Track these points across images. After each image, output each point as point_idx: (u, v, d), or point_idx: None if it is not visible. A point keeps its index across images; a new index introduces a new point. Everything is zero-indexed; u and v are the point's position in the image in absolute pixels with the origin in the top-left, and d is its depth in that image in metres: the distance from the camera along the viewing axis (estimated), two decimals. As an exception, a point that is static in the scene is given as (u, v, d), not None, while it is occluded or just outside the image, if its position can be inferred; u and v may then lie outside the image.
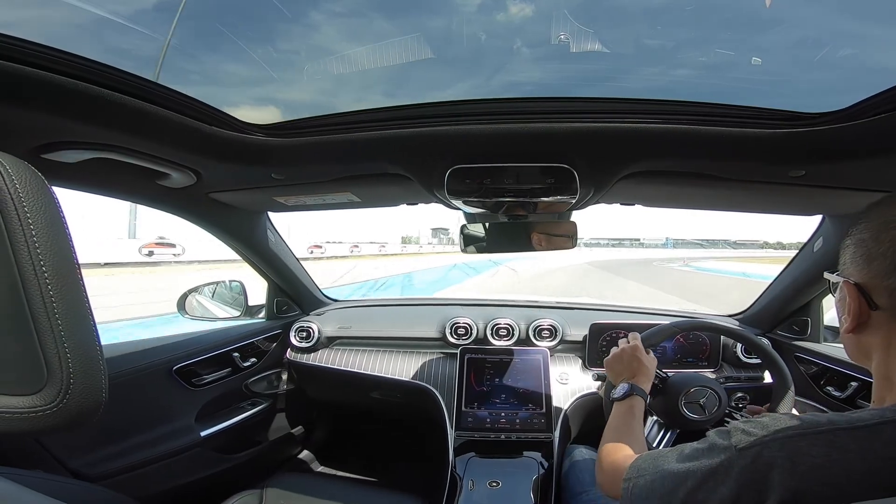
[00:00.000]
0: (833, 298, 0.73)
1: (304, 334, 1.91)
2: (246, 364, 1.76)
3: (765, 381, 1.65)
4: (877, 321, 0.61)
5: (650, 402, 1.18)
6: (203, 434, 1.54)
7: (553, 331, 1.82)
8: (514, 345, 1.81)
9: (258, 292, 1.99)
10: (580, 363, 1.79)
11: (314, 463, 2.22)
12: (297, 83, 0.98)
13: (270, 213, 1.67)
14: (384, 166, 1.10)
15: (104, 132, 0.85)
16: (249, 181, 1.22)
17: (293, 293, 1.99)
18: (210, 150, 0.98)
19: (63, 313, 0.43)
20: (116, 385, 1.28)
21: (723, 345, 1.74)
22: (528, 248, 1.40)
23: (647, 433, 1.23)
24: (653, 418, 1.26)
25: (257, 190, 1.28)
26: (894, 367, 0.59)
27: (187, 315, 1.82)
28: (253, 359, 1.80)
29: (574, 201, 1.15)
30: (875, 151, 0.85)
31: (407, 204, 1.46)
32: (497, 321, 1.84)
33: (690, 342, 1.75)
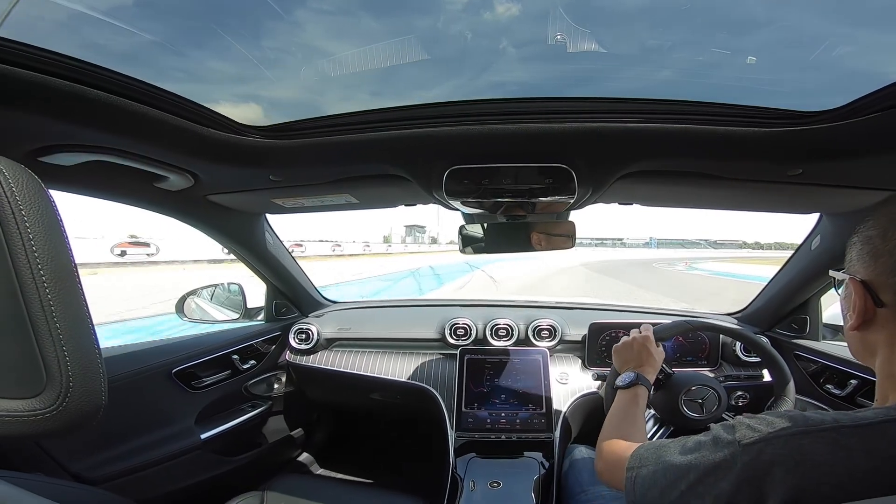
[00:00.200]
0: (829, 296, 0.73)
1: (304, 336, 1.90)
2: (245, 366, 1.75)
3: (764, 380, 1.65)
4: (882, 318, 0.62)
5: (650, 397, 1.18)
6: (203, 436, 1.54)
7: (552, 331, 1.82)
8: (514, 345, 1.81)
9: (258, 295, 2.00)
10: (580, 363, 1.79)
11: (314, 465, 2.22)
12: (281, 81, 0.98)
13: (268, 216, 1.67)
14: (382, 167, 1.10)
15: (101, 135, 0.85)
16: (247, 183, 1.22)
17: (292, 295, 1.99)
18: (208, 153, 0.98)
19: (61, 316, 0.43)
20: (116, 388, 1.28)
21: (722, 343, 1.75)
22: (527, 249, 1.40)
23: None
24: (650, 412, 1.26)
25: (255, 192, 1.28)
26: None
27: (186, 318, 1.82)
28: (252, 361, 1.79)
29: (572, 201, 1.15)
30: (871, 149, 0.85)
31: (405, 205, 1.46)
32: (496, 321, 1.84)
33: (690, 341, 1.75)
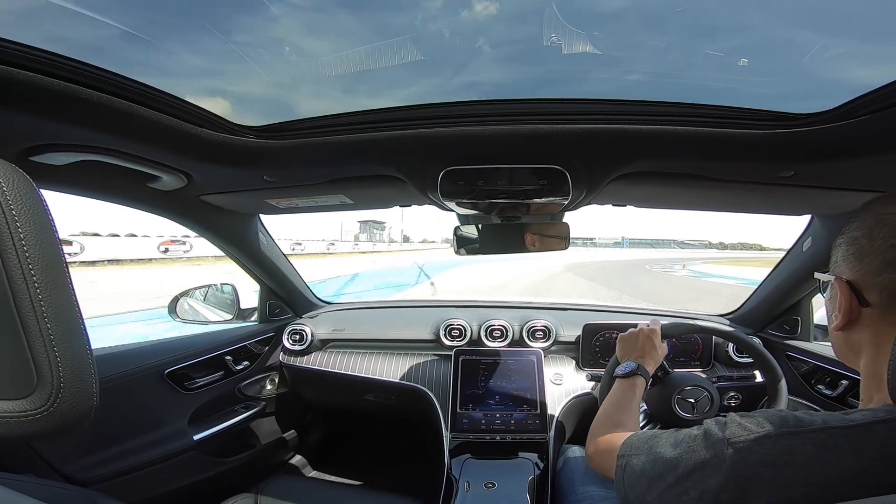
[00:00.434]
0: (821, 297, 0.74)
1: (298, 337, 1.90)
2: (238, 367, 1.75)
3: (756, 381, 1.66)
4: (867, 318, 0.62)
5: (645, 392, 1.19)
6: (196, 438, 1.53)
7: (546, 331, 1.82)
8: (508, 346, 1.81)
9: (250, 295, 1.99)
10: (574, 364, 1.80)
11: (308, 466, 2.21)
12: (251, 76, 0.96)
13: (262, 216, 1.66)
14: (377, 168, 1.10)
15: (93, 134, 0.84)
16: (241, 183, 1.21)
17: (286, 296, 1.98)
18: (201, 152, 0.98)
19: (52, 317, 0.43)
20: (108, 389, 1.27)
21: (715, 344, 1.76)
22: (522, 250, 1.40)
23: None
24: (642, 407, 1.27)
25: (249, 192, 1.27)
26: (882, 366, 0.59)
27: (179, 319, 1.81)
28: (245, 362, 1.79)
29: (566, 202, 1.15)
30: (862, 151, 0.86)
31: (400, 206, 1.46)
32: (491, 322, 1.84)
33: (683, 342, 1.76)
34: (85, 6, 0.75)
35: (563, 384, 1.69)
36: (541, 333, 1.83)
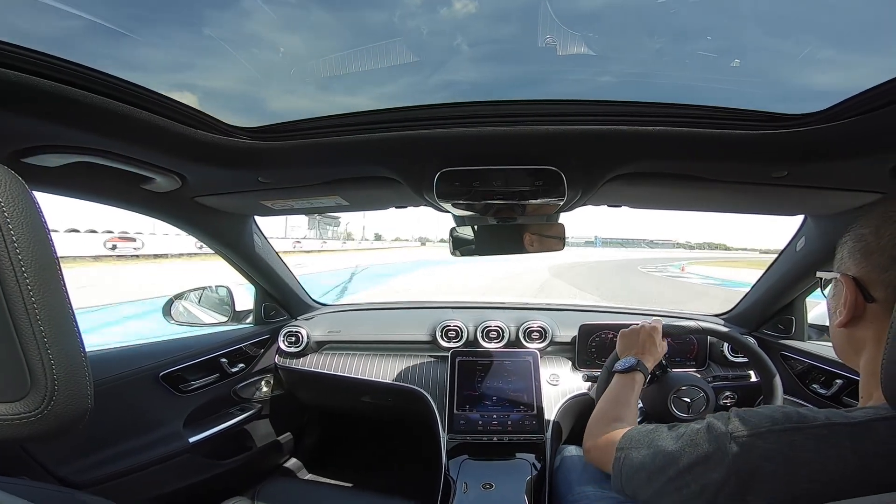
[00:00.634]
0: (813, 298, 0.74)
1: (293, 339, 1.89)
2: (234, 370, 1.74)
3: (751, 381, 1.67)
4: (871, 315, 0.63)
5: (644, 387, 1.20)
6: (191, 440, 1.52)
7: (543, 332, 1.83)
8: (505, 347, 1.81)
9: (245, 297, 1.98)
10: (570, 364, 1.80)
11: (305, 468, 2.20)
12: (218, 70, 0.95)
13: (257, 217, 1.66)
14: (373, 169, 1.10)
15: (86, 136, 0.83)
16: (236, 185, 1.21)
17: (281, 298, 1.97)
18: (195, 154, 0.97)
19: (46, 319, 0.43)
20: (102, 392, 1.26)
21: (710, 344, 1.76)
22: (517, 251, 1.40)
23: None
24: (638, 404, 1.27)
25: (244, 194, 1.27)
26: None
27: (173, 321, 1.80)
28: (241, 364, 1.78)
29: (562, 203, 1.15)
30: (854, 152, 0.86)
31: (396, 207, 1.46)
32: (487, 323, 1.85)
33: (679, 342, 1.76)
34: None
35: (560, 385, 1.69)
36: (537, 334, 1.83)
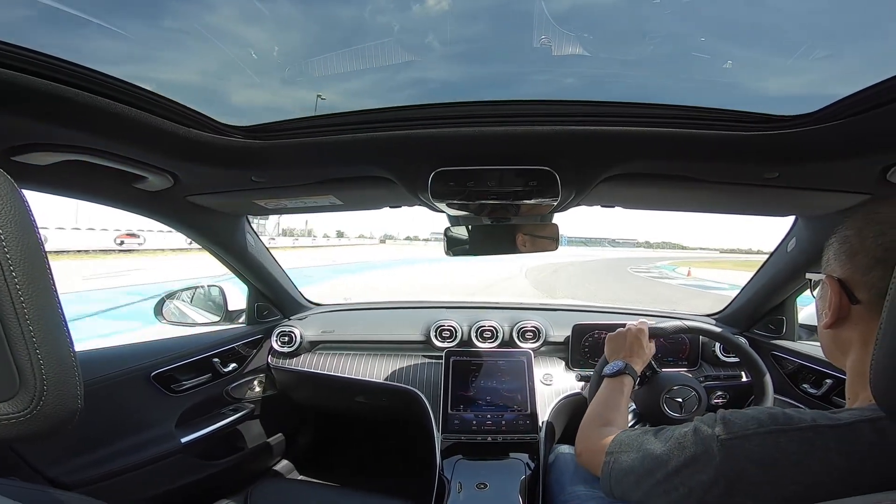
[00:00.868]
0: (803, 298, 0.75)
1: (286, 339, 1.88)
2: (226, 370, 1.73)
3: (743, 380, 1.68)
4: (856, 316, 0.63)
5: (634, 389, 1.20)
6: (184, 441, 1.51)
7: (536, 332, 1.83)
8: (499, 347, 1.82)
9: (238, 296, 1.97)
10: (563, 364, 1.81)
11: (299, 469, 2.19)
12: (178, 63, 0.94)
13: (250, 217, 1.65)
14: (367, 169, 1.09)
15: (77, 134, 0.83)
16: (228, 184, 1.20)
17: (274, 297, 1.97)
18: (188, 153, 0.96)
19: (35, 319, 0.42)
20: (92, 392, 1.25)
21: (702, 344, 1.78)
22: (511, 251, 1.41)
23: None
24: (630, 406, 1.28)
25: (237, 193, 1.26)
26: (869, 364, 0.61)
27: (165, 321, 1.79)
28: (233, 364, 1.77)
29: (556, 203, 1.16)
30: (845, 153, 0.87)
31: (390, 207, 1.46)
32: (481, 323, 1.85)
33: (671, 342, 1.77)
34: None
35: (553, 384, 1.70)
36: (531, 334, 1.83)
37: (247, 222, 1.66)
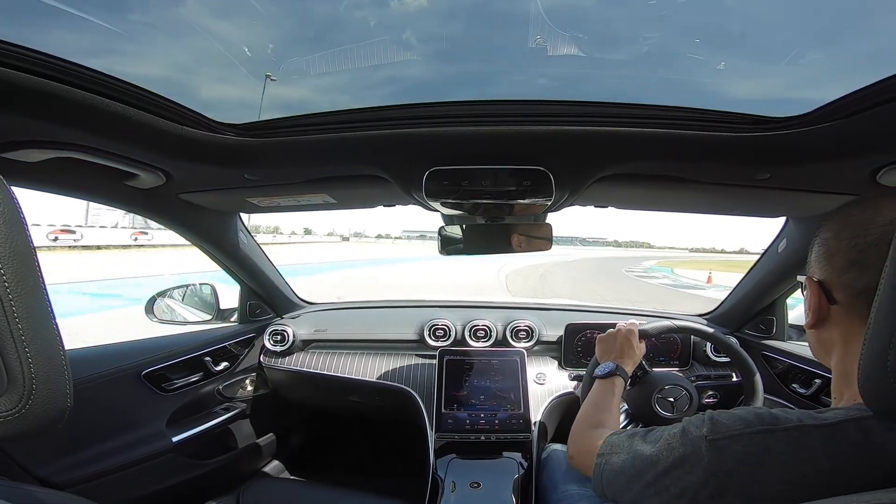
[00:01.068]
0: (795, 297, 0.76)
1: (279, 337, 1.87)
2: (218, 368, 1.72)
3: (734, 380, 1.69)
4: (836, 316, 0.65)
5: (626, 390, 1.21)
6: (175, 440, 1.50)
7: (530, 331, 1.84)
8: (492, 346, 1.82)
9: (230, 294, 1.96)
10: (556, 363, 1.81)
11: (291, 468, 2.18)
12: (146, 56, 0.92)
13: (243, 215, 1.64)
14: (362, 168, 1.09)
15: (68, 131, 0.82)
16: (221, 182, 1.19)
17: (266, 296, 1.95)
18: (180, 151, 0.96)
19: (23, 316, 0.42)
20: (82, 390, 1.24)
21: (693, 343, 1.79)
22: (505, 250, 1.41)
23: None
24: (623, 406, 1.29)
25: (230, 191, 1.25)
26: (852, 363, 0.61)
27: (156, 319, 1.77)
28: (225, 363, 1.75)
29: (550, 203, 1.16)
30: (836, 155, 0.88)
31: (384, 205, 1.45)
32: (475, 323, 1.85)
33: (662, 342, 1.78)
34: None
35: (546, 384, 1.70)
36: (524, 333, 1.84)
37: (240, 220, 1.65)
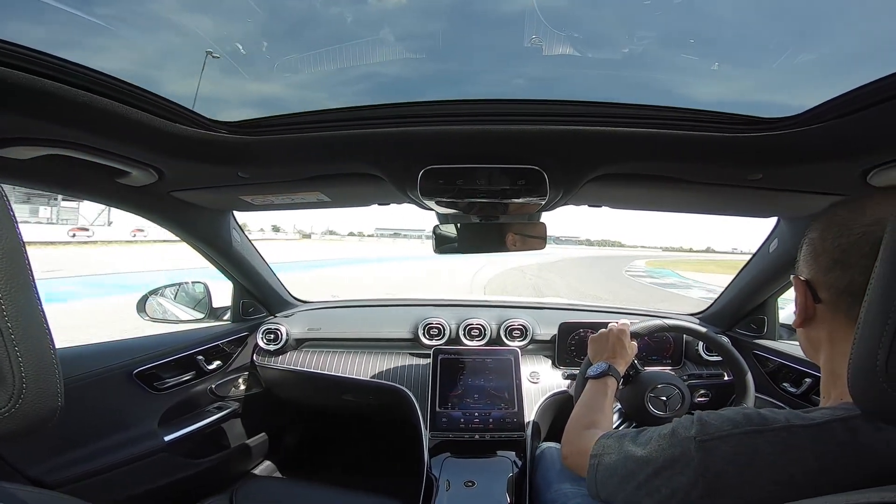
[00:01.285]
0: (785, 297, 0.77)
1: (272, 336, 1.86)
2: (211, 367, 1.71)
3: (725, 379, 1.71)
4: (822, 315, 0.66)
5: (618, 390, 1.22)
6: (167, 439, 1.49)
7: (524, 330, 1.84)
8: (486, 345, 1.82)
9: (223, 293, 1.94)
10: (550, 362, 1.82)
11: (284, 467, 2.18)
12: (109, 49, 0.91)
13: (236, 213, 1.63)
14: (356, 166, 1.09)
15: (59, 129, 0.81)
16: (214, 180, 1.19)
17: (259, 294, 1.94)
18: (173, 148, 0.95)
19: (13, 315, 0.41)
20: (73, 389, 1.23)
21: (685, 343, 1.80)
22: (500, 249, 1.41)
23: None
24: (616, 405, 1.29)
25: (222, 189, 1.24)
26: (838, 362, 0.62)
27: (147, 317, 1.76)
28: (218, 362, 1.74)
29: (544, 202, 1.16)
30: (828, 155, 0.89)
31: (378, 204, 1.45)
32: (469, 321, 1.85)
33: (655, 340, 1.80)
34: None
35: (540, 382, 1.71)
36: (518, 332, 1.84)
37: (232, 218, 1.64)
